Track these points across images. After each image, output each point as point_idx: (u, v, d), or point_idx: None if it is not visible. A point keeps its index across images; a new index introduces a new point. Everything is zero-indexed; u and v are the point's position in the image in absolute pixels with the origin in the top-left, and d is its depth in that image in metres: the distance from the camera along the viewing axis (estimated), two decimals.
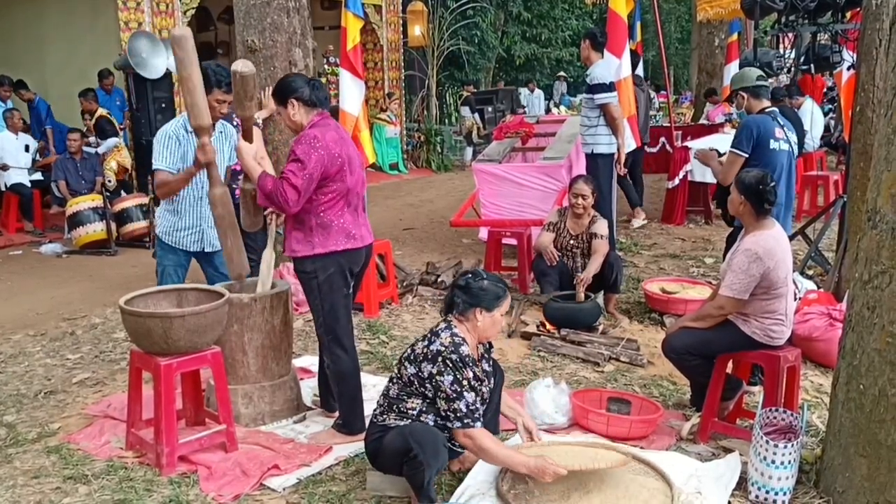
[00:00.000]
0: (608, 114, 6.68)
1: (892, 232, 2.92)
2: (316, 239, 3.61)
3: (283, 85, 3.68)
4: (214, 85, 4.20)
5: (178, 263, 4.48)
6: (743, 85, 5.15)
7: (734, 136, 5.04)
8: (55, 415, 4.21)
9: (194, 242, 4.44)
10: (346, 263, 3.67)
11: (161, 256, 4.51)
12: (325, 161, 3.49)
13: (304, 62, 6.23)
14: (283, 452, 3.64)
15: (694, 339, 3.90)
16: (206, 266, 4.58)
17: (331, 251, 3.61)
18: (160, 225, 4.48)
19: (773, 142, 4.90)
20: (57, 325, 5.93)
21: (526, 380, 4.54)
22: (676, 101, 19.03)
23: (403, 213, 10.75)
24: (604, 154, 6.78)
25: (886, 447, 2.93)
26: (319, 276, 3.64)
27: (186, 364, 3.57)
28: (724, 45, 13.47)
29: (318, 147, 3.48)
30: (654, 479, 3.29)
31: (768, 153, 4.88)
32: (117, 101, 10.52)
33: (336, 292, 3.68)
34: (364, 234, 3.77)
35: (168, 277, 4.45)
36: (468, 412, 3.04)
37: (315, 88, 3.65)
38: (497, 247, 6.77)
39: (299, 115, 3.62)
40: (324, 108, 3.67)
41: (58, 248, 8.72)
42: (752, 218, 3.78)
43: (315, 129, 3.56)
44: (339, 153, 3.55)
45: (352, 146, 3.75)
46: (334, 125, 3.69)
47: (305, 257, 3.64)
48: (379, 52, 15.84)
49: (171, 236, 4.42)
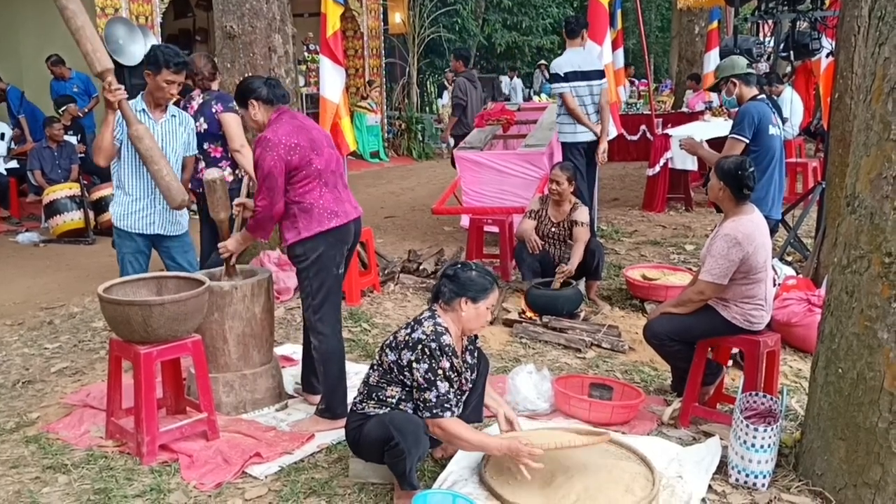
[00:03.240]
0: (565, 103, 6.78)
1: (871, 217, 2.94)
2: (300, 224, 3.67)
3: (241, 88, 3.84)
4: (163, 65, 4.23)
5: (136, 250, 4.44)
6: (735, 72, 5.18)
7: (735, 123, 5.08)
8: (34, 404, 4.17)
9: (148, 224, 4.40)
10: (336, 241, 3.73)
11: (119, 245, 4.47)
12: (284, 156, 3.60)
13: (284, 48, 6.18)
14: (264, 440, 3.63)
15: (674, 324, 3.92)
16: (163, 255, 4.55)
17: (316, 232, 3.67)
18: (114, 211, 4.45)
19: (771, 127, 5.00)
20: (34, 314, 5.87)
21: (508, 366, 4.55)
22: (657, 89, 19.06)
23: (385, 201, 10.71)
24: (566, 143, 6.92)
25: (864, 430, 2.96)
26: (310, 257, 3.69)
27: (166, 352, 3.54)
28: (705, 33, 13.52)
29: (269, 148, 3.60)
30: (635, 463, 3.31)
31: (767, 138, 4.96)
32: (74, 88, 10.29)
33: (326, 271, 3.73)
34: (348, 209, 3.81)
35: (128, 265, 4.40)
36: (437, 402, 3.02)
37: (272, 87, 3.77)
38: (479, 234, 6.77)
39: (260, 115, 3.77)
40: (282, 105, 3.79)
41: (35, 236, 8.61)
42: (732, 203, 3.80)
43: (268, 131, 3.69)
44: (296, 143, 3.63)
45: (315, 129, 3.83)
46: (289, 117, 3.76)
47: (294, 243, 3.71)
48: (359, 40, 15.75)
49: (124, 220, 4.39)
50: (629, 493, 3.08)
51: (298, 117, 3.84)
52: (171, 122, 4.44)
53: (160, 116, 4.40)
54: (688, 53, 14.81)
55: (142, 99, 4.37)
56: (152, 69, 4.27)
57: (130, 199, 4.36)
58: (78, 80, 10.39)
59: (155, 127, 4.34)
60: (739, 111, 5.08)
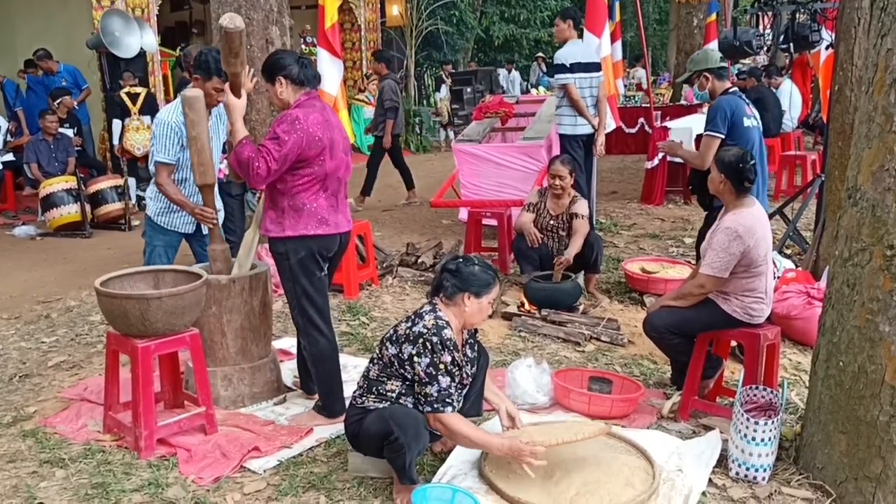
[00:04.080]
0: (569, 95, 6.73)
1: (873, 209, 2.93)
2: (287, 221, 3.55)
3: (271, 61, 3.60)
4: (214, 73, 4.12)
5: (168, 244, 4.44)
6: (708, 66, 5.12)
7: (707, 119, 4.98)
8: (31, 398, 4.16)
9: (188, 224, 4.40)
10: (318, 248, 3.60)
11: (151, 237, 4.45)
12: (304, 143, 3.42)
13: (282, 40, 6.16)
14: (263, 434, 3.61)
15: (674, 317, 3.90)
16: (196, 245, 4.53)
17: (301, 235, 3.54)
18: (153, 206, 4.40)
19: (745, 119, 4.90)
20: (31, 308, 5.85)
21: (507, 360, 4.53)
22: (655, 81, 19.01)
23: (383, 193, 10.67)
24: (566, 135, 6.89)
25: (865, 423, 2.95)
26: (291, 259, 3.59)
27: (164, 346, 3.53)
28: (703, 26, 13.46)
29: (297, 128, 3.41)
30: (635, 457, 3.30)
31: (743, 131, 4.87)
32: (63, 82, 10.22)
33: (308, 274, 3.61)
34: (340, 220, 3.67)
35: (158, 258, 4.39)
36: (439, 397, 3.00)
37: (304, 66, 3.57)
38: (477, 227, 6.75)
39: (286, 94, 3.55)
40: (312, 88, 3.61)
41: (31, 230, 8.59)
42: (732, 196, 3.78)
43: (299, 110, 3.48)
44: (320, 136, 3.47)
45: (337, 130, 3.64)
46: (321, 107, 3.60)
47: (277, 238, 3.59)
48: (357, 32, 15.71)
49: (164, 217, 4.37)
50: (629, 486, 3.07)
51: (328, 111, 3.67)
52: (215, 122, 4.35)
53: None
54: (686, 46, 14.75)
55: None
56: (202, 74, 4.16)
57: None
58: (66, 73, 10.33)
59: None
60: (711, 107, 5.00)
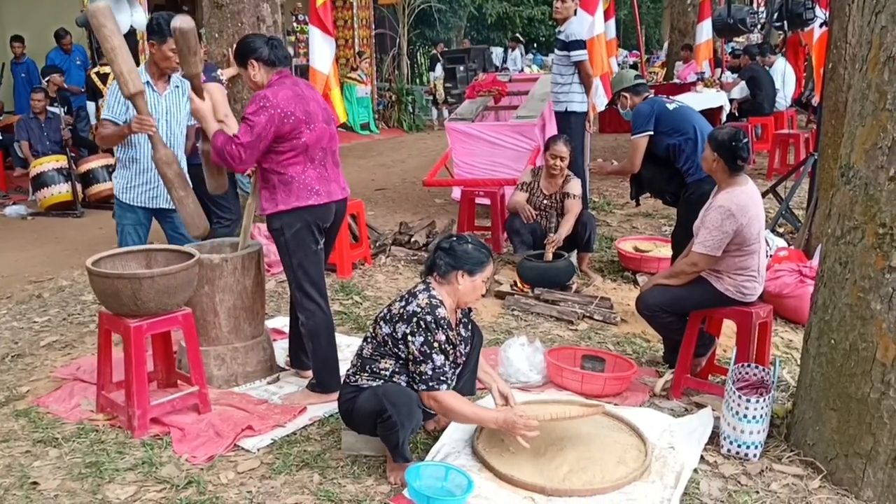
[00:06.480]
0: (583, 71, 6.67)
1: (866, 188, 2.93)
2: (279, 196, 3.59)
3: (242, 46, 3.68)
4: (168, 34, 4.08)
5: (137, 222, 4.40)
6: (623, 86, 5.19)
7: (633, 126, 5.02)
8: (23, 378, 4.15)
9: (151, 199, 4.36)
10: (312, 219, 3.64)
11: (119, 216, 4.42)
12: (276, 120, 3.47)
13: (273, 18, 6.10)
14: (256, 413, 3.62)
15: (667, 296, 3.91)
16: (166, 226, 4.51)
17: (294, 207, 3.59)
18: (116, 183, 4.40)
19: (668, 105, 4.99)
20: (23, 287, 5.82)
21: (500, 338, 4.54)
22: (648, 60, 18.98)
23: (375, 173, 10.65)
24: (577, 112, 6.78)
25: (856, 400, 2.97)
26: (286, 233, 3.63)
27: (157, 326, 3.52)
28: (697, 3, 13.43)
29: (267, 107, 3.47)
30: (627, 434, 3.32)
31: (670, 114, 4.92)
32: (77, 61, 10.22)
33: (304, 248, 3.66)
34: (333, 189, 3.71)
35: (128, 237, 4.36)
36: (433, 375, 3.01)
37: (274, 48, 3.64)
38: (470, 206, 6.74)
39: (260, 76, 3.63)
40: (283, 67, 3.66)
41: (22, 209, 8.53)
42: (725, 174, 3.78)
43: (268, 90, 3.55)
44: (291, 111, 3.51)
45: (313, 101, 3.67)
46: (291, 83, 3.64)
47: (272, 214, 3.64)
48: (349, 10, 15.58)
49: (127, 193, 4.34)
50: (621, 464, 3.09)
51: (300, 84, 3.71)
52: (175, 93, 4.34)
53: (164, 88, 4.30)
54: (680, 24, 14.74)
55: (145, 70, 4.26)
56: (156, 39, 4.16)
57: (133, 173, 4.30)
58: (78, 52, 10.29)
59: (159, 100, 4.26)
60: (632, 116, 5.05)
